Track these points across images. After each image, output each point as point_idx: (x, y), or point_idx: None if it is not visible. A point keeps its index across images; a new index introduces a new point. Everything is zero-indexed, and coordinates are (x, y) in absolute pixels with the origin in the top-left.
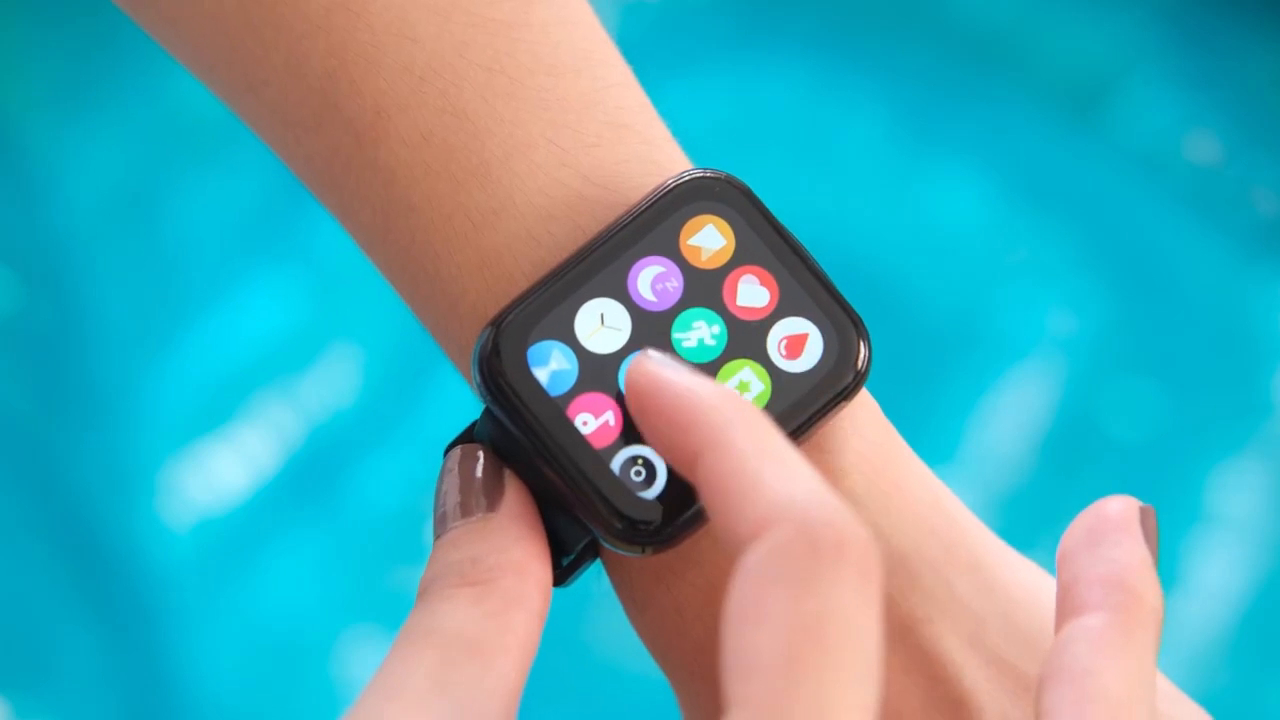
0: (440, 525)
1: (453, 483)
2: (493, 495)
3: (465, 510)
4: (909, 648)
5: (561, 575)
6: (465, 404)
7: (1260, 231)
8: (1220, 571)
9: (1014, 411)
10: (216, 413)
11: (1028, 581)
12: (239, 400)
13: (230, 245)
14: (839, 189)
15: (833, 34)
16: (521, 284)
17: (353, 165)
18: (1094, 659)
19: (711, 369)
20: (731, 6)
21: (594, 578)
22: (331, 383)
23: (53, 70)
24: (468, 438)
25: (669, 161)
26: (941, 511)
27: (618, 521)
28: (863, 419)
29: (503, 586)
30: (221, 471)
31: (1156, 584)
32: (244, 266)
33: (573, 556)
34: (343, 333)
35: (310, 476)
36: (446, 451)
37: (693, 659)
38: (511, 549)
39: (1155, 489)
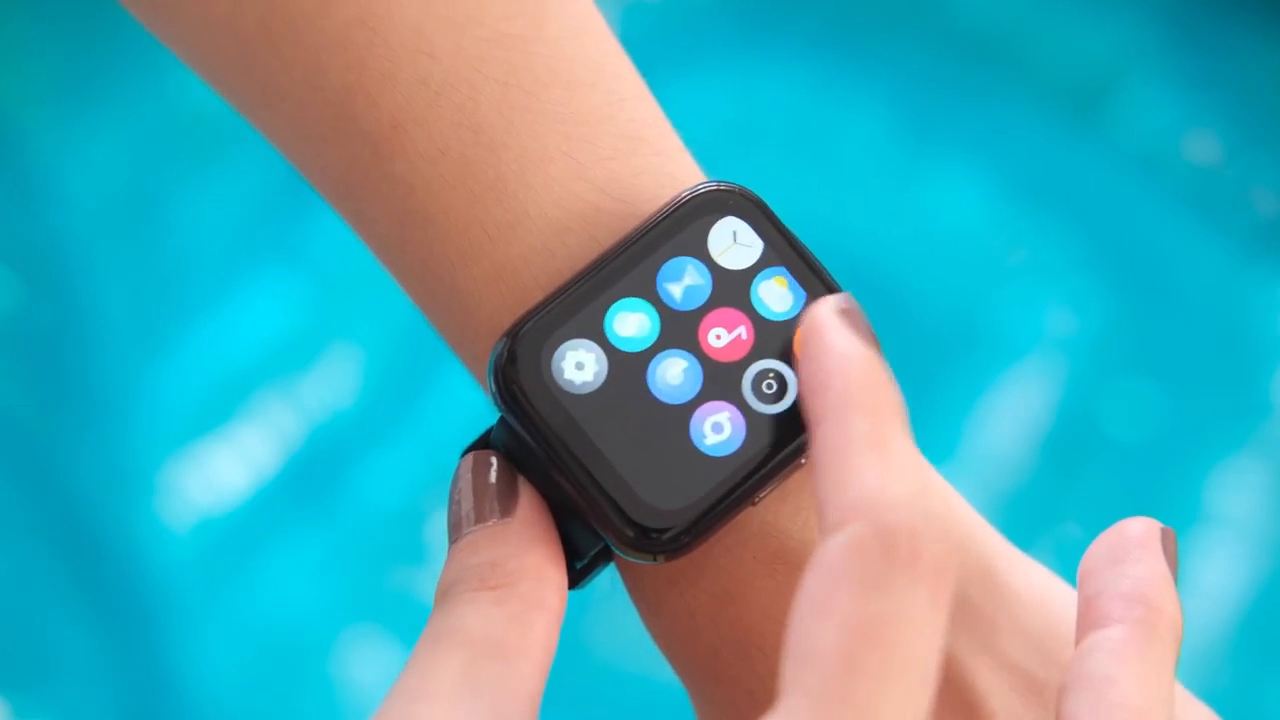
0: (455, 530)
1: (467, 488)
2: (507, 501)
3: (480, 515)
4: None
5: (574, 579)
6: (466, 404)
7: (1260, 231)
8: (1220, 571)
9: (1014, 411)
10: (216, 413)
11: (1037, 585)
12: (239, 400)
13: (230, 245)
14: (839, 189)
15: (833, 34)
16: (537, 295)
17: (370, 177)
18: (1115, 667)
19: (739, 368)
20: (731, 6)
21: (606, 578)
22: (331, 383)
23: (53, 69)
24: (484, 443)
25: (682, 174)
26: (954, 519)
27: (630, 530)
28: None
29: (522, 590)
30: (221, 471)
31: (1176, 599)
32: (244, 267)
33: (586, 561)
34: (343, 333)
35: (310, 476)
36: (461, 457)
37: (706, 663)
38: (529, 554)
39: (1155, 489)
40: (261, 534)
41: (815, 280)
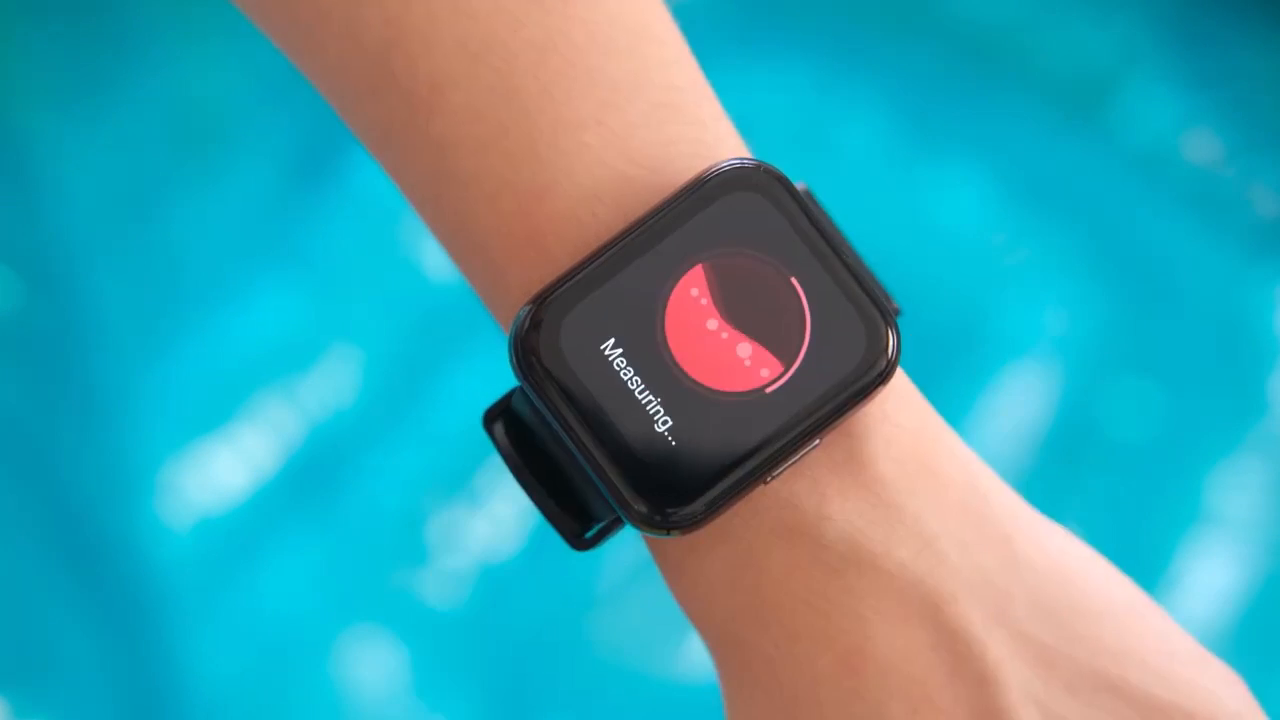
0: None
1: None
2: None
3: None
4: (936, 626)
5: (588, 543)
6: (466, 405)
7: (1260, 231)
8: (1220, 571)
9: (1014, 411)
10: (216, 413)
11: (1055, 552)
12: (239, 400)
13: (230, 245)
14: (839, 189)
15: (833, 35)
16: (564, 264)
17: (407, 135)
18: None
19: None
20: (731, 6)
21: (605, 584)
22: (331, 383)
23: (53, 69)
24: (504, 405)
25: (717, 142)
26: (972, 489)
27: (642, 506)
28: (893, 405)
29: None
30: (221, 471)
31: None
32: (244, 266)
33: (599, 528)
34: (343, 333)
35: (310, 476)
36: (484, 419)
37: (724, 628)
38: None
39: (1155, 489)
40: (261, 534)
41: (831, 255)
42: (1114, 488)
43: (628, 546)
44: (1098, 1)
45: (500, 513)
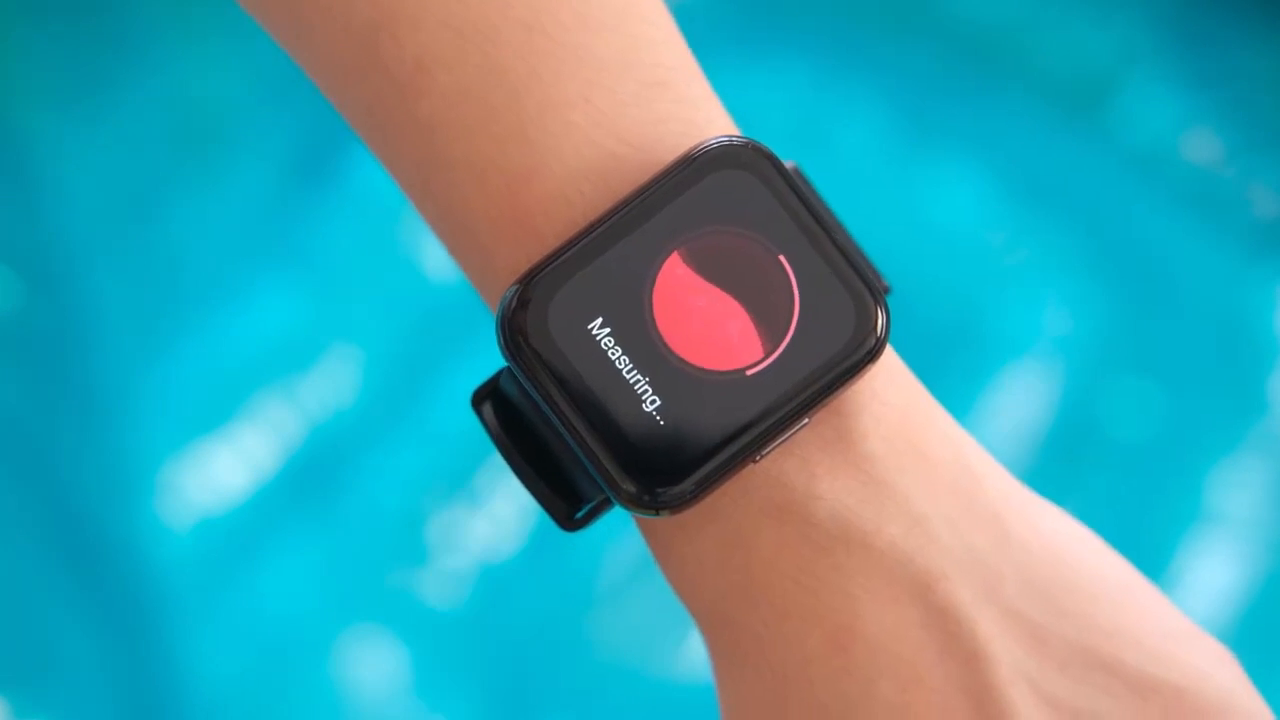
0: None
1: None
2: None
3: None
4: (926, 604)
5: (578, 524)
6: (467, 404)
7: (1260, 231)
8: (1221, 570)
9: (1014, 411)
10: (216, 413)
11: (1046, 531)
12: (239, 400)
13: (230, 245)
14: (838, 188)
15: (831, 33)
16: (552, 243)
17: (394, 117)
18: None
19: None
20: (730, 5)
21: (605, 586)
22: (331, 383)
23: (53, 70)
24: (493, 386)
25: (706, 121)
26: (963, 467)
27: (630, 486)
28: (882, 383)
29: None
30: (221, 471)
31: None
32: (244, 266)
33: (588, 508)
34: (343, 333)
35: (310, 476)
36: (472, 399)
37: (714, 606)
38: None
39: (1155, 489)
40: (261, 534)
41: (818, 238)
42: (1115, 487)
43: (627, 545)
44: (1098, 1)
45: (500, 512)
